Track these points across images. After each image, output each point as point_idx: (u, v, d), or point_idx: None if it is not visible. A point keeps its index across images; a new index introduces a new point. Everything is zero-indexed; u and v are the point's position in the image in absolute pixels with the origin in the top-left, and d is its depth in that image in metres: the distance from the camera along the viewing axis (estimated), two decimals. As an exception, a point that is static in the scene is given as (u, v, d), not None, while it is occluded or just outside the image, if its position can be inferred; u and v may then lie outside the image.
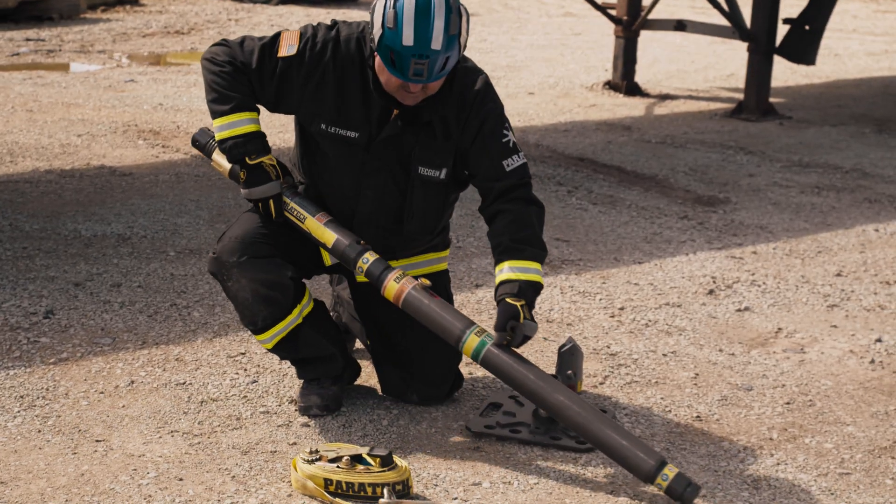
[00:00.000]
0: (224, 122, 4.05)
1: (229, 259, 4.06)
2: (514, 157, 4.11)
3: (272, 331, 4.14)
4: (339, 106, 4.07)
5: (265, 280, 4.06)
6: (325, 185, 4.19)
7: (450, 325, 3.98)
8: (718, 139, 9.42)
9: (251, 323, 4.14)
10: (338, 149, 4.11)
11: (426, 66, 3.80)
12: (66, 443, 3.96)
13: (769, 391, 4.63)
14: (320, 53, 4.05)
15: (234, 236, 4.09)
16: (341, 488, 3.64)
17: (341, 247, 4.06)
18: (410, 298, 4.01)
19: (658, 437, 4.20)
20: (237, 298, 4.11)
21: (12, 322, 4.94)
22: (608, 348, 4.99)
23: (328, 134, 4.10)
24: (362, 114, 4.07)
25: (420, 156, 4.10)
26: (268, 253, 4.07)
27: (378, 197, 4.15)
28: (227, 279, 4.09)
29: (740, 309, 5.52)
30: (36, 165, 7.58)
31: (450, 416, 4.30)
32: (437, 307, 4.00)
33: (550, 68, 12.75)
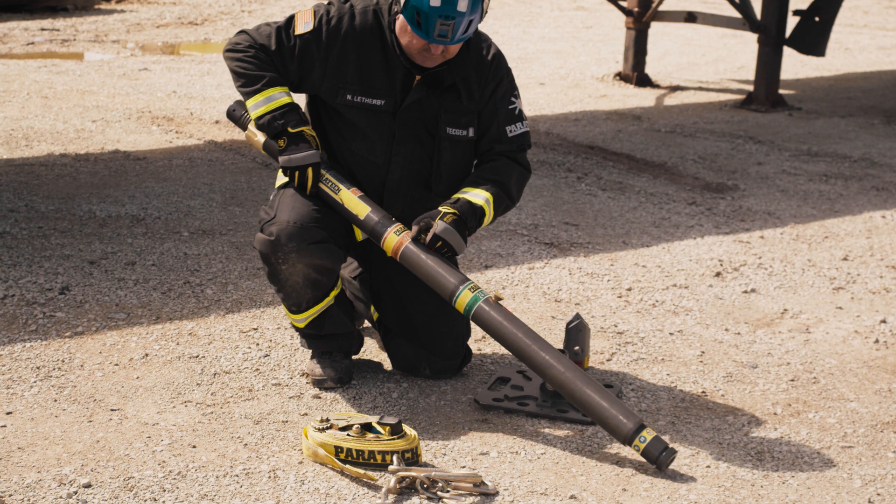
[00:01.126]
0: (258, 98, 4.14)
1: (288, 243, 4.07)
2: (518, 124, 4.30)
3: (310, 312, 4.23)
4: (363, 75, 4.17)
5: (319, 266, 4.12)
6: (354, 158, 4.26)
7: (444, 280, 4.05)
8: (728, 129, 9.47)
9: (295, 305, 4.21)
10: (365, 118, 4.20)
11: (451, 27, 3.93)
12: (82, 411, 4.04)
13: (774, 369, 4.69)
14: (337, 26, 4.15)
15: (291, 220, 4.09)
16: (351, 455, 3.70)
17: (371, 222, 4.13)
18: (408, 252, 4.09)
19: (664, 412, 4.26)
20: (287, 281, 4.14)
21: (28, 297, 5.02)
22: (615, 327, 5.05)
23: (354, 104, 4.18)
24: (386, 81, 4.17)
25: (447, 117, 4.21)
26: (322, 238, 4.11)
27: (408, 164, 4.25)
28: (283, 262, 4.10)
29: (747, 291, 5.58)
30: (51, 150, 7.66)
31: (458, 390, 4.37)
32: (433, 262, 4.07)
33: (561, 60, 12.81)
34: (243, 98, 4.21)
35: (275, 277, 4.18)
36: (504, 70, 4.30)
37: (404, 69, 4.18)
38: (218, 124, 8.70)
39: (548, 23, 16.25)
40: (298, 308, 4.22)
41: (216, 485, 3.58)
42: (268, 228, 4.13)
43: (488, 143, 4.29)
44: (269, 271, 4.19)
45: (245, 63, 4.16)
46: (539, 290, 5.46)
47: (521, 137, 4.32)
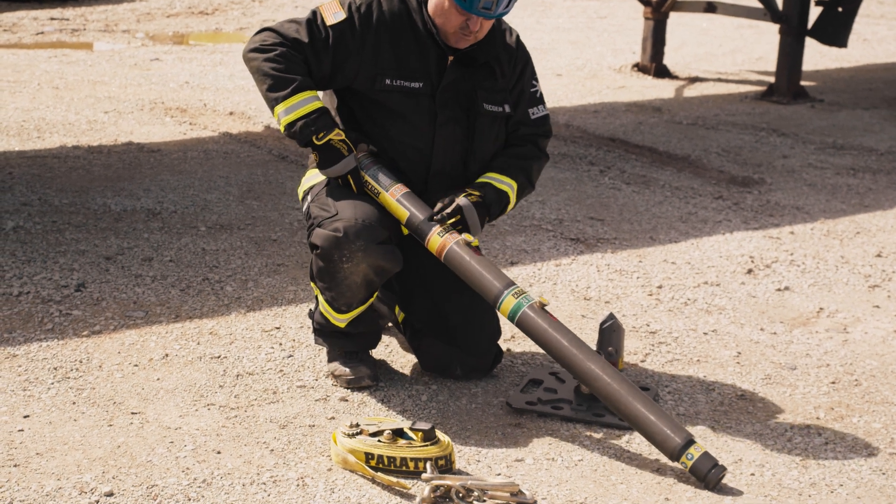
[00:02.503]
0: (287, 105, 3.97)
1: (355, 241, 3.92)
2: (539, 106, 4.33)
3: (356, 311, 4.11)
4: (399, 59, 4.09)
5: (380, 268, 3.99)
6: (394, 145, 4.15)
7: (489, 283, 3.92)
8: (750, 121, 9.31)
9: (345, 305, 4.07)
10: (405, 102, 4.10)
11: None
12: (102, 415, 3.90)
13: (813, 370, 4.54)
14: (367, 13, 4.07)
15: (358, 217, 3.94)
16: (383, 462, 3.56)
17: (415, 222, 4.02)
18: (453, 253, 3.97)
19: (702, 416, 4.11)
20: (345, 281, 3.99)
21: (44, 295, 4.88)
22: (647, 326, 4.91)
23: (394, 88, 4.08)
24: (421, 64, 4.11)
25: (483, 94, 4.15)
26: (387, 238, 3.99)
27: (450, 145, 4.17)
28: (346, 261, 3.94)
29: (780, 288, 5.43)
30: (63, 141, 7.52)
31: (490, 392, 4.23)
32: (478, 264, 3.95)
33: (577, 51, 12.65)
34: (268, 102, 4.01)
35: (330, 276, 4.01)
36: (527, 52, 4.31)
37: (437, 51, 4.12)
38: (232, 115, 8.55)
39: (561, 13, 16.07)
40: (349, 308, 4.08)
41: (243, 493, 3.44)
42: (331, 224, 3.96)
43: (515, 124, 4.27)
44: (324, 269, 4.01)
45: (274, 63, 3.96)
46: (567, 287, 5.32)
47: (543, 121, 4.33)
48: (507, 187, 4.15)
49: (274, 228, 5.92)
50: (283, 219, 6.09)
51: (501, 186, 4.14)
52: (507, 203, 4.16)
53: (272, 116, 4.09)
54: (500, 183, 4.15)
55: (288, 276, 5.27)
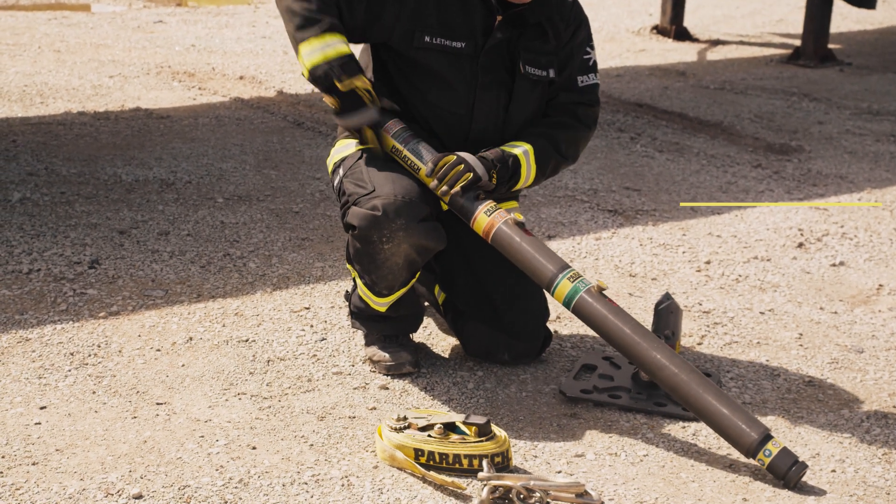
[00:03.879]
0: (313, 44, 3.60)
1: (396, 220, 3.58)
2: (590, 74, 3.94)
3: (397, 294, 3.79)
4: (441, 16, 3.72)
5: (423, 247, 3.65)
6: (432, 110, 3.81)
7: (542, 266, 3.58)
8: (779, 85, 8.98)
9: (387, 288, 3.74)
10: (445, 63, 3.75)
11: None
12: (125, 405, 3.59)
13: (883, 353, 4.24)
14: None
15: (397, 194, 3.60)
16: (434, 460, 3.26)
17: (458, 200, 3.66)
18: (501, 234, 3.61)
19: (770, 404, 3.81)
20: (385, 263, 3.66)
21: (56, 272, 4.56)
22: (700, 305, 4.61)
23: (433, 46, 3.73)
24: (466, 23, 3.75)
25: (527, 56, 3.79)
26: (428, 215, 3.65)
27: (492, 112, 3.82)
28: (387, 241, 3.60)
29: (835, 264, 5.12)
30: (68, 107, 7.19)
31: (540, 379, 3.92)
32: (528, 245, 3.60)
33: (592, 12, 12.29)
34: (294, 42, 3.65)
35: (370, 258, 3.67)
36: (584, 15, 3.91)
37: (484, 9, 3.75)
38: (242, 80, 8.22)
39: (571, -26, 15.71)
40: (391, 291, 3.75)
41: (283, 494, 3.14)
42: (368, 202, 3.61)
43: (556, 89, 3.88)
44: (362, 251, 3.67)
45: (304, 1, 3.62)
46: (610, 263, 5.01)
47: (591, 90, 3.93)
48: (519, 151, 3.75)
49: (295, 199, 5.61)
50: (303, 189, 5.77)
51: (509, 149, 3.74)
52: (518, 166, 3.75)
53: (296, 59, 3.71)
54: (511, 147, 3.76)
55: (314, 251, 4.95)
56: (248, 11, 11.41)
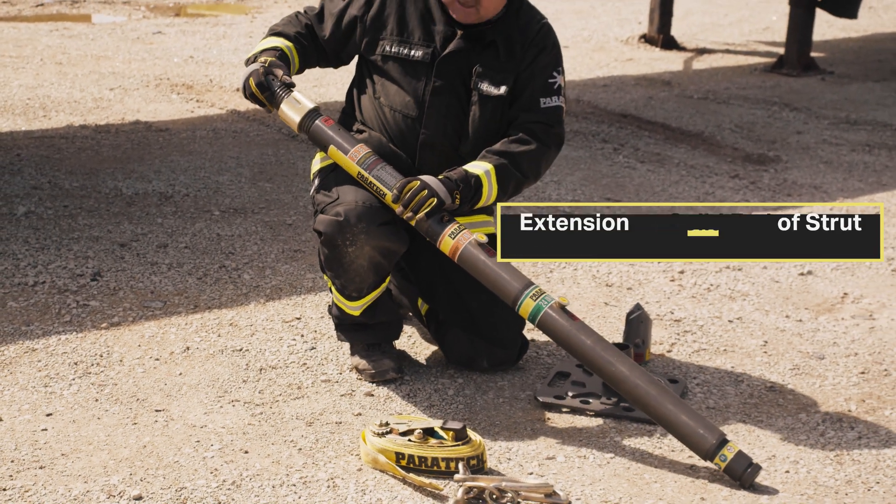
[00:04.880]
0: (262, 42, 4.18)
1: (357, 224, 3.88)
2: (553, 97, 4.08)
3: (368, 298, 4.04)
4: (402, 28, 4.06)
5: (386, 249, 3.93)
6: (391, 113, 4.10)
7: (507, 283, 3.82)
8: (761, 95, 9.23)
9: (355, 291, 4.01)
10: (402, 70, 4.06)
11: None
12: (125, 412, 3.84)
13: (842, 360, 4.49)
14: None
15: (359, 200, 3.92)
16: (414, 462, 3.51)
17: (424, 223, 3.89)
18: (467, 254, 3.85)
19: (732, 409, 4.06)
20: (351, 266, 3.94)
21: (60, 284, 4.81)
22: (672, 314, 4.85)
23: (392, 56, 4.07)
24: (425, 35, 4.06)
25: (482, 73, 4.03)
26: (389, 219, 3.94)
27: (442, 117, 4.06)
28: (350, 244, 3.90)
29: (803, 273, 5.37)
30: (70, 120, 7.43)
31: (516, 386, 4.17)
32: (493, 265, 3.84)
33: (583, 21, 12.54)
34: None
35: (337, 262, 3.96)
36: (551, 41, 4.11)
37: (446, 25, 4.04)
38: (239, 92, 8.44)
39: (564, -19, 15.94)
40: (359, 294, 4.01)
41: (273, 495, 3.39)
42: (332, 209, 3.93)
43: (517, 110, 4.07)
44: (329, 256, 3.96)
45: (274, 24, 4.24)
46: (588, 273, 5.26)
47: (554, 111, 4.08)
48: (481, 171, 3.95)
49: (288, 212, 5.85)
50: (296, 202, 6.02)
51: (472, 170, 3.95)
52: (480, 185, 3.94)
53: None
54: (472, 167, 3.97)
55: (305, 262, 5.20)
56: (246, 22, 11.65)
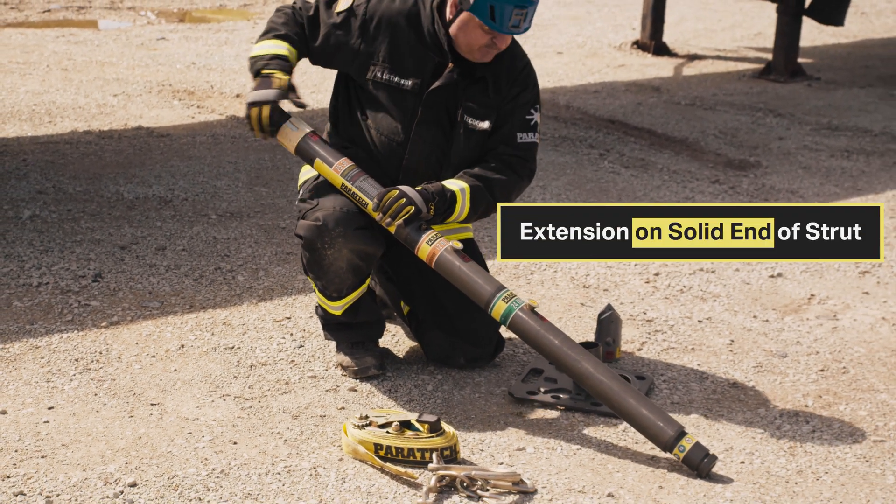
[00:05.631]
0: (260, 44, 4.29)
1: (335, 228, 4.12)
2: (530, 133, 4.36)
3: (349, 298, 4.28)
4: (394, 55, 4.24)
5: (363, 251, 4.18)
6: (376, 135, 4.32)
7: (480, 288, 4.08)
8: (747, 101, 9.47)
9: (335, 291, 4.26)
10: (391, 97, 4.26)
11: (524, 16, 4.06)
12: (123, 406, 4.09)
13: (803, 358, 4.73)
14: (375, 6, 4.26)
15: (338, 206, 4.16)
16: (391, 453, 3.75)
17: (403, 231, 4.14)
18: (443, 260, 4.12)
19: (696, 404, 4.30)
20: (330, 268, 4.19)
21: (62, 285, 5.06)
22: (644, 314, 5.09)
23: (382, 82, 4.26)
24: (417, 65, 4.25)
25: (468, 106, 4.27)
26: (366, 223, 4.18)
27: (426, 145, 4.30)
28: (328, 247, 4.14)
29: (773, 275, 5.61)
30: (75, 126, 7.69)
31: (492, 382, 4.42)
32: (468, 270, 4.10)
33: (578, 27, 12.78)
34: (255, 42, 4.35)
35: (317, 264, 4.21)
36: (533, 80, 4.37)
37: (438, 56, 4.25)
38: (239, 98, 8.71)
39: (562, -14, 16.17)
40: (339, 294, 4.26)
41: (259, 483, 3.64)
42: (312, 214, 4.18)
43: (495, 142, 4.33)
44: (310, 258, 4.22)
45: (274, 20, 4.35)
46: (567, 275, 5.50)
47: (529, 147, 4.36)
48: (457, 188, 4.20)
49: (283, 216, 6.10)
50: (290, 206, 6.27)
51: (448, 185, 4.21)
52: (454, 200, 4.19)
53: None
54: (449, 183, 4.22)
55: (297, 265, 5.45)
56: (248, 28, 11.90)
